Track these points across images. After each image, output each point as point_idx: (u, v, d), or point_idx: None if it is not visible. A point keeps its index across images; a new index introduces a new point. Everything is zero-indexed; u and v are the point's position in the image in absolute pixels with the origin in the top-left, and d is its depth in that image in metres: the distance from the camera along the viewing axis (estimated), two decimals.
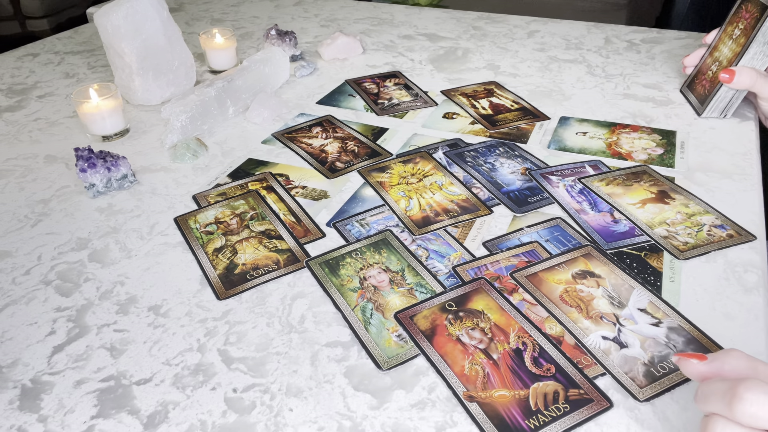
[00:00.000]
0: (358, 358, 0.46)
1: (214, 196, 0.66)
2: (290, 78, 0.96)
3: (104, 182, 0.67)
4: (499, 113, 0.82)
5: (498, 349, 0.46)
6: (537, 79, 0.93)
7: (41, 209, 0.65)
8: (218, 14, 1.29)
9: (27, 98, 0.92)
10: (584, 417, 0.40)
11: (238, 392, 0.43)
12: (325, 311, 0.50)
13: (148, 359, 0.46)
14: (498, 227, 0.59)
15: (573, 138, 0.75)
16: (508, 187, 0.65)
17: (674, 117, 0.79)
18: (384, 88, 0.91)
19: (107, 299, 0.52)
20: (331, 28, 1.19)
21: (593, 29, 1.12)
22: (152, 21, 0.84)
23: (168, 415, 0.42)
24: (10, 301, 0.53)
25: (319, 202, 0.65)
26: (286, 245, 0.58)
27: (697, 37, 1.07)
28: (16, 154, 0.76)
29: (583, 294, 0.50)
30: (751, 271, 0.52)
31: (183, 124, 0.77)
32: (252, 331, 0.49)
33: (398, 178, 0.67)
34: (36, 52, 1.10)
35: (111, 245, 0.59)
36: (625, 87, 0.88)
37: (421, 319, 0.48)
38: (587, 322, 0.48)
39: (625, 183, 0.65)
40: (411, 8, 1.29)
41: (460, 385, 0.43)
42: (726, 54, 0.76)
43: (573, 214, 0.60)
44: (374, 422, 0.41)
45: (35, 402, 0.43)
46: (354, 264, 0.55)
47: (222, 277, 0.54)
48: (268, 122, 0.82)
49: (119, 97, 0.79)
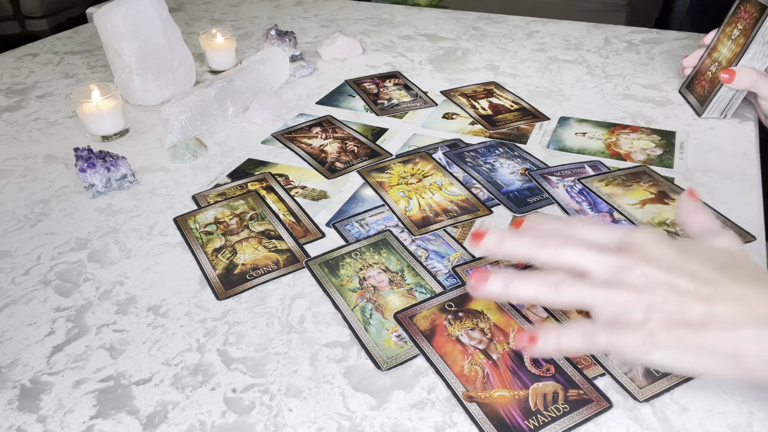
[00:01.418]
0: (358, 359, 0.46)
1: (214, 197, 0.66)
2: (290, 78, 0.96)
3: (104, 182, 0.66)
4: (499, 114, 0.82)
5: (497, 349, 0.46)
6: (536, 79, 0.93)
7: (41, 209, 0.65)
8: (218, 14, 1.29)
9: (26, 98, 0.92)
10: (584, 417, 0.40)
11: (237, 392, 0.43)
12: (325, 311, 0.50)
13: (147, 359, 0.46)
14: (498, 227, 0.59)
15: (572, 138, 0.75)
16: (508, 188, 0.65)
17: (674, 117, 0.79)
18: (384, 88, 0.91)
19: (107, 299, 0.52)
20: (330, 28, 1.19)
21: (593, 30, 1.13)
22: (152, 21, 0.84)
23: (167, 415, 0.42)
24: (10, 301, 0.53)
25: (319, 203, 0.65)
26: (286, 245, 0.58)
27: (697, 37, 1.07)
28: (16, 154, 0.76)
29: None
30: None
31: (183, 124, 0.77)
32: (251, 332, 0.49)
33: (398, 179, 0.67)
34: (36, 52, 1.10)
35: (110, 245, 0.59)
36: (625, 87, 0.88)
37: (420, 320, 0.48)
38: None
39: (625, 183, 0.65)
40: (411, 8, 1.29)
41: (459, 385, 0.43)
42: (725, 54, 0.76)
43: (573, 214, 0.60)
44: (374, 422, 0.41)
45: (34, 402, 0.43)
46: (354, 264, 0.55)
47: (221, 278, 0.54)
48: (267, 122, 0.82)
49: (119, 97, 0.79)
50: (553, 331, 0.37)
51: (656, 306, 0.35)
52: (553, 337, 0.37)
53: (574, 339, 0.36)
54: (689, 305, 0.35)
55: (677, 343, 0.35)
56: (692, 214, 0.42)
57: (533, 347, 0.37)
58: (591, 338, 0.36)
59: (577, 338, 0.36)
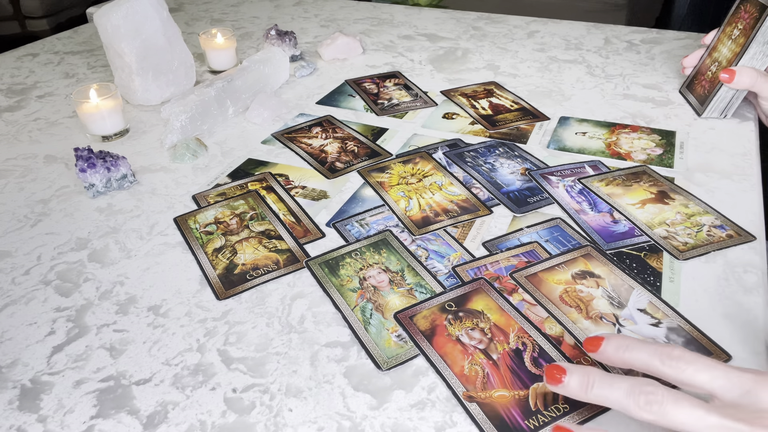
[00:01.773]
0: (358, 359, 0.46)
1: (214, 196, 0.66)
2: (290, 78, 0.96)
3: (104, 182, 0.66)
4: (499, 113, 0.82)
5: (498, 349, 0.46)
6: (537, 79, 0.93)
7: (41, 209, 0.65)
8: (218, 14, 1.29)
9: (27, 98, 0.92)
10: (584, 417, 0.40)
11: (237, 392, 0.43)
12: (325, 311, 0.50)
13: (147, 359, 0.46)
14: (498, 227, 0.59)
15: (572, 138, 0.75)
16: (508, 188, 0.65)
17: (674, 117, 0.79)
18: (384, 88, 0.91)
19: (107, 299, 0.52)
20: (330, 28, 1.19)
21: (593, 30, 1.13)
22: (152, 21, 0.84)
23: (167, 415, 0.42)
24: (10, 301, 0.53)
25: (319, 203, 0.65)
26: (286, 245, 0.58)
27: (697, 37, 1.07)
28: (16, 154, 0.76)
29: (583, 294, 0.50)
30: (750, 272, 0.52)
31: (183, 124, 0.77)
32: (252, 331, 0.49)
33: (398, 179, 0.67)
34: (36, 52, 1.10)
35: (111, 245, 0.59)
36: (625, 87, 0.88)
37: (420, 320, 0.48)
38: (587, 322, 0.48)
39: (625, 183, 0.65)
40: (411, 8, 1.29)
41: (459, 385, 0.43)
42: (725, 54, 0.76)
43: (573, 214, 0.60)
44: (374, 422, 0.41)
45: (35, 402, 0.43)
46: (354, 264, 0.55)
47: (222, 277, 0.54)
48: (267, 122, 0.82)
49: (119, 97, 0.80)
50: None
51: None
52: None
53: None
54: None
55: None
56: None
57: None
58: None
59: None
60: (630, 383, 0.35)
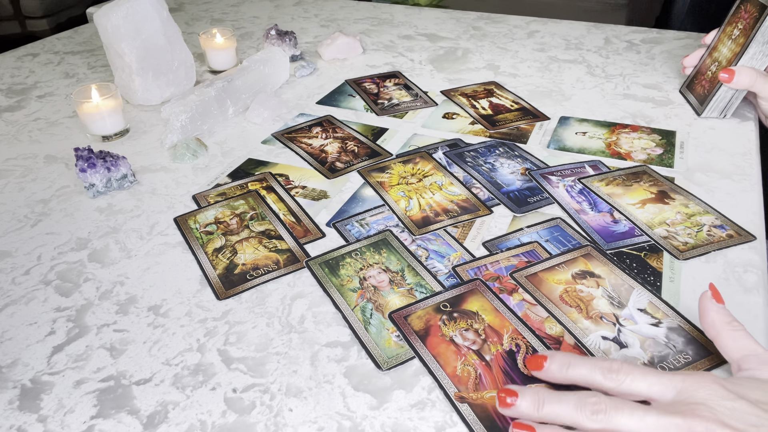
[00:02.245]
0: (358, 358, 0.46)
1: (214, 196, 0.66)
2: (290, 78, 0.96)
3: (104, 182, 0.67)
4: (499, 113, 0.82)
5: (491, 350, 0.46)
6: (537, 79, 0.93)
7: (41, 209, 0.65)
8: (218, 14, 1.29)
9: (27, 98, 0.92)
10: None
11: (237, 392, 0.43)
12: (325, 311, 0.50)
13: (147, 359, 0.46)
14: (498, 227, 0.59)
15: (573, 138, 0.75)
16: (508, 187, 0.65)
17: (674, 117, 0.79)
18: (384, 88, 0.91)
19: (107, 299, 0.52)
20: (330, 28, 1.19)
21: (593, 29, 1.13)
22: (152, 21, 0.84)
23: (168, 415, 0.42)
24: (10, 301, 0.53)
25: (319, 202, 0.65)
26: (286, 245, 0.58)
27: (697, 37, 1.07)
28: (16, 154, 0.76)
29: (583, 294, 0.50)
30: (750, 272, 0.52)
31: (183, 124, 0.77)
32: (252, 331, 0.49)
33: (398, 179, 0.67)
34: (36, 52, 1.10)
35: (111, 245, 0.59)
36: (625, 87, 0.88)
37: (415, 320, 0.48)
38: (587, 322, 0.48)
39: (625, 183, 0.65)
40: (411, 8, 1.29)
41: (451, 385, 0.43)
42: (725, 54, 0.76)
43: (573, 214, 0.60)
44: (374, 422, 0.41)
45: (35, 402, 0.43)
46: (354, 264, 0.55)
47: (222, 277, 0.54)
48: (268, 122, 0.82)
49: (119, 97, 0.80)
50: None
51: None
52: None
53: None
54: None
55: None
56: (726, 330, 0.41)
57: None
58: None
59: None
60: (577, 396, 0.37)
